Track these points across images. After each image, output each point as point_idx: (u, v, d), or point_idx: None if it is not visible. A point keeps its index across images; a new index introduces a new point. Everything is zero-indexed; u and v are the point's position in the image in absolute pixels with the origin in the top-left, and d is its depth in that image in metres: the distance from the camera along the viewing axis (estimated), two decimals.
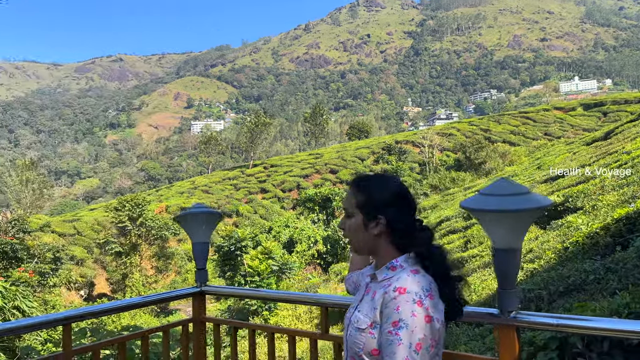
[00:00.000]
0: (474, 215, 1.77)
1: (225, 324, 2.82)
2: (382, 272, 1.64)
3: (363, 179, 1.72)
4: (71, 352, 2.20)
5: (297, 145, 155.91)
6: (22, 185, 51.75)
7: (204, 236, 2.90)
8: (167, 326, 2.75)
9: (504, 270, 1.79)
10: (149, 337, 2.61)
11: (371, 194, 1.66)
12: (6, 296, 8.47)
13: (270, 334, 2.61)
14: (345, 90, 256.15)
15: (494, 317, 1.86)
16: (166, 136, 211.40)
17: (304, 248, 33.78)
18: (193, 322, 2.86)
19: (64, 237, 36.05)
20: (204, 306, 2.93)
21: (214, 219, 2.93)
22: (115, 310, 2.64)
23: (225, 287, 3.03)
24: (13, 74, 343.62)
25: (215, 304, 28.37)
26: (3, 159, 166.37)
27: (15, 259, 15.36)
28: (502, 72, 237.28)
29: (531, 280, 9.25)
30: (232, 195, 49.26)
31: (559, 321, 1.72)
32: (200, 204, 2.93)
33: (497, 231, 1.74)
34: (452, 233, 22.14)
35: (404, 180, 47.20)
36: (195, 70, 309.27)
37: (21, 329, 2.16)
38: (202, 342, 2.86)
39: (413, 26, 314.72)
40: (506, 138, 52.44)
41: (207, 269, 2.95)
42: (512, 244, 1.74)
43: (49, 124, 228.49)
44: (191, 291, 2.85)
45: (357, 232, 1.66)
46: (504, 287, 1.81)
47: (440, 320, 1.50)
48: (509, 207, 1.65)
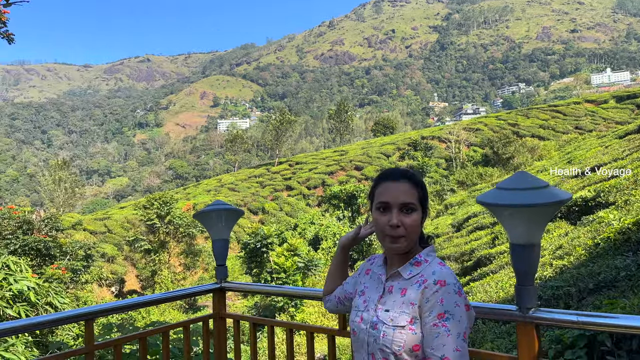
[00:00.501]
0: (490, 210, 1.73)
1: (245, 319, 2.84)
2: (406, 268, 1.63)
3: (414, 173, 1.70)
4: (93, 347, 2.25)
5: (322, 142, 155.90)
6: (55, 185, 53.14)
7: (223, 233, 2.92)
8: (188, 322, 2.78)
9: (522, 266, 1.74)
10: (169, 332, 2.65)
11: (425, 189, 1.67)
12: (39, 292, 8.68)
13: (289, 330, 2.62)
14: (370, 87, 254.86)
15: (512, 314, 1.82)
16: (193, 135, 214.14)
17: (330, 245, 33.81)
18: (213, 318, 2.89)
19: (95, 235, 36.90)
20: (224, 302, 2.95)
21: (234, 216, 2.95)
22: (136, 306, 2.68)
23: (245, 284, 3.05)
24: (45, 76, 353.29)
25: (243, 301, 28.67)
26: (37, 159, 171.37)
27: (48, 256, 15.77)
28: (531, 65, 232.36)
29: (560, 277, 9.05)
30: (258, 192, 49.63)
31: (580, 318, 1.67)
32: (219, 201, 2.94)
33: (514, 226, 1.70)
34: (479, 229, 21.85)
35: (430, 176, 46.82)
36: (220, 69, 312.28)
37: (46, 323, 2.22)
38: (222, 337, 2.89)
39: (438, 20, 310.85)
40: (535, 132, 51.38)
41: (227, 265, 2.97)
42: (530, 239, 1.69)
43: (80, 125, 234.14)
44: (211, 287, 2.88)
45: (417, 227, 1.63)
46: (522, 284, 1.77)
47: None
48: (526, 201, 1.61)
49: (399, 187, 1.63)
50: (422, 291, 1.53)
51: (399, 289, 1.61)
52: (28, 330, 1.98)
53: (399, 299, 1.58)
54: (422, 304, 1.52)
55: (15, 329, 2.00)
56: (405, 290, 1.58)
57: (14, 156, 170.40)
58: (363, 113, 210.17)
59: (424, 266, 1.60)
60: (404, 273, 1.62)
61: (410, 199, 1.61)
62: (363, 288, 1.77)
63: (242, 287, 3.01)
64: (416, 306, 1.53)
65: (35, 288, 8.69)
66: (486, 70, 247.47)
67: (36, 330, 7.39)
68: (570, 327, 1.73)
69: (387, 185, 1.65)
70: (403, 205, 1.61)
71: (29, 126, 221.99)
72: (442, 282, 1.51)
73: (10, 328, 1.99)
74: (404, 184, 1.64)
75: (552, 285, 7.74)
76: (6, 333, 1.94)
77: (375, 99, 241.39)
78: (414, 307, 1.53)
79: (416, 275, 1.59)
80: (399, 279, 1.63)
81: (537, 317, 1.75)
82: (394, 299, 1.60)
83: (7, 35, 7.05)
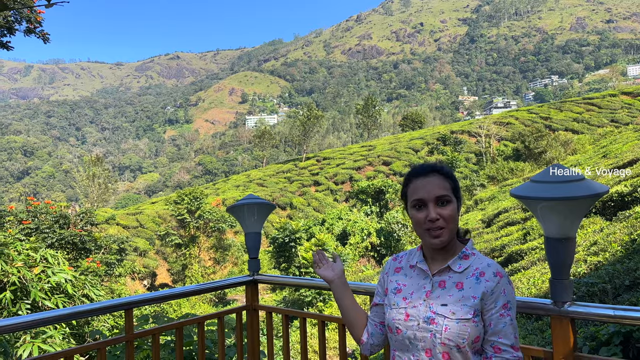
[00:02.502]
0: (524, 203, 1.72)
1: (277, 311, 2.89)
2: (456, 262, 1.63)
3: (444, 166, 1.71)
4: (133, 335, 2.34)
5: (349, 137, 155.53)
6: (89, 180, 54.52)
7: (255, 226, 2.97)
8: (222, 313, 2.85)
9: (558, 259, 1.73)
10: (204, 323, 2.72)
11: (456, 180, 1.69)
12: (76, 285, 8.95)
13: (320, 322, 2.65)
14: (398, 81, 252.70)
15: (547, 307, 1.80)
16: (222, 131, 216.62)
17: (358, 240, 33.79)
18: (246, 309, 2.95)
19: (128, 229, 37.72)
20: (257, 294, 3.01)
21: (266, 210, 3.00)
22: (172, 297, 2.77)
23: (277, 276, 3.09)
24: (79, 75, 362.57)
25: (272, 295, 28.96)
26: (71, 156, 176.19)
27: (84, 250, 16.20)
28: (564, 57, 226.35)
29: (595, 273, 8.85)
30: (285, 188, 49.89)
31: (617, 312, 1.64)
32: (252, 195, 3.00)
33: (549, 220, 1.68)
34: (510, 225, 21.51)
35: (460, 171, 46.23)
36: (248, 65, 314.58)
37: (87, 312, 2.31)
38: (255, 328, 2.95)
39: (468, 13, 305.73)
40: (568, 126, 50.09)
41: (259, 258, 3.03)
42: (565, 233, 1.68)
43: (113, 122, 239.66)
44: (244, 279, 2.94)
45: (455, 219, 1.63)
46: (557, 277, 1.75)
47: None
48: (561, 194, 1.60)
49: (431, 181, 1.63)
50: (482, 284, 1.56)
51: (453, 283, 1.61)
52: (73, 318, 2.07)
53: (457, 293, 1.58)
54: (485, 297, 1.54)
55: (61, 316, 2.09)
56: (462, 284, 1.59)
57: (50, 153, 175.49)
58: (391, 108, 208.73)
59: (472, 259, 1.62)
60: (454, 267, 1.62)
61: (444, 191, 1.62)
62: (396, 286, 1.74)
63: (274, 279, 3.06)
64: (478, 299, 1.54)
65: (72, 280, 8.98)
66: (517, 62, 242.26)
67: (76, 320, 7.64)
68: (607, 321, 1.70)
69: (419, 182, 1.65)
70: (438, 199, 1.61)
71: (64, 123, 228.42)
72: (499, 273, 1.57)
73: (56, 316, 2.09)
74: (435, 177, 1.64)
75: (586, 281, 7.58)
76: (52, 321, 2.04)
77: (403, 93, 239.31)
78: (475, 300, 1.55)
79: (468, 267, 1.61)
80: (450, 273, 1.63)
81: (572, 311, 1.73)
82: (449, 293, 1.60)
83: (42, 34, 7.29)
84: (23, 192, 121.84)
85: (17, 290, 7.96)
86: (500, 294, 1.54)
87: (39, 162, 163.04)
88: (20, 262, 8.12)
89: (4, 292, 7.81)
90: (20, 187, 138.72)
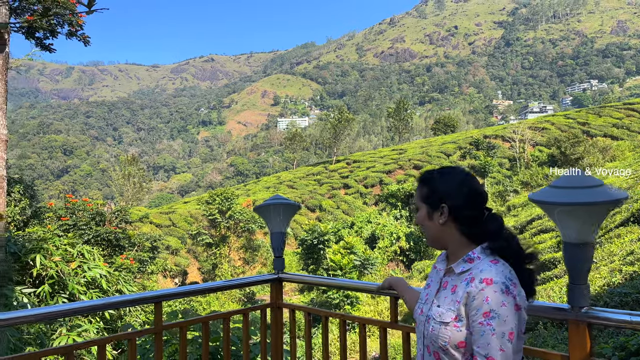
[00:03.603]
0: (542, 208, 1.74)
1: (300, 309, 2.96)
2: (459, 265, 1.66)
3: (428, 173, 1.80)
4: (162, 327, 2.45)
5: (380, 140, 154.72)
6: (125, 179, 55.89)
7: (281, 226, 3.05)
8: (247, 309, 2.94)
9: (576, 265, 1.74)
10: (230, 319, 2.81)
11: (434, 185, 1.74)
12: (110, 280, 9.25)
13: (342, 321, 2.71)
14: (430, 84, 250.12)
15: (564, 312, 1.81)
16: (254, 133, 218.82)
17: (387, 244, 33.64)
18: (271, 307, 3.03)
19: (161, 228, 38.51)
20: (281, 292, 3.09)
21: (291, 210, 3.08)
22: (201, 291, 2.87)
23: (302, 275, 3.18)
24: (117, 76, 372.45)
25: (299, 297, 29.11)
26: (108, 155, 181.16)
27: (118, 247, 16.67)
28: (604, 61, 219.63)
29: (630, 283, 8.61)
30: (315, 190, 50.05)
31: (634, 318, 1.64)
32: (278, 196, 3.09)
33: (567, 225, 1.70)
34: (543, 232, 21.07)
35: (492, 176, 45.45)
36: (281, 68, 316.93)
37: (119, 303, 2.43)
38: (279, 326, 3.03)
39: (504, 15, 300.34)
40: (607, 132, 48.66)
41: (286, 258, 3.10)
42: (583, 238, 1.69)
43: (148, 122, 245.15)
44: (269, 277, 3.03)
45: (423, 222, 1.74)
46: (575, 282, 1.76)
47: (526, 308, 1.55)
48: (579, 199, 1.61)
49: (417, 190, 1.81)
50: (467, 289, 1.56)
51: (451, 286, 1.66)
52: (106, 308, 2.19)
53: (450, 296, 1.63)
54: (467, 302, 1.54)
55: (95, 307, 2.22)
56: (456, 287, 1.63)
57: (88, 152, 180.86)
58: (423, 111, 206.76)
59: (475, 263, 1.62)
60: (457, 269, 1.66)
61: (415, 200, 1.78)
62: (429, 282, 1.84)
63: (299, 278, 3.14)
64: (461, 304, 1.56)
65: (106, 276, 9.28)
66: (555, 66, 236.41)
67: (109, 314, 7.91)
68: (624, 327, 1.70)
69: None
70: (415, 206, 1.80)
71: (102, 123, 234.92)
72: (488, 280, 1.52)
73: (90, 306, 2.22)
74: (418, 186, 1.80)
75: (619, 292, 7.39)
76: (86, 310, 2.16)
77: (436, 97, 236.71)
78: (459, 304, 1.57)
79: (466, 272, 1.62)
80: (452, 275, 1.68)
81: (589, 316, 1.74)
82: (445, 295, 1.66)
83: (83, 37, 7.61)
84: (62, 190, 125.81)
85: (55, 284, 8.29)
86: (483, 301, 1.50)
87: (77, 160, 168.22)
88: (58, 257, 8.44)
89: (42, 285, 8.14)
90: (60, 185, 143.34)
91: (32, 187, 16.47)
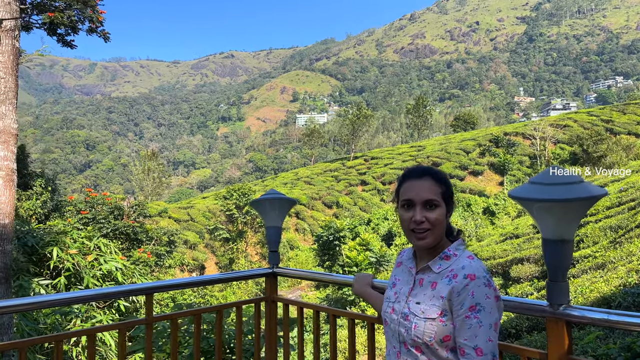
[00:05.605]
0: (522, 204, 1.73)
1: (294, 304, 2.98)
2: (436, 262, 1.68)
3: (437, 170, 1.78)
4: (152, 318, 2.49)
5: (399, 137, 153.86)
6: (145, 174, 56.72)
7: (276, 220, 3.08)
8: (240, 302, 2.98)
9: (554, 262, 1.72)
10: (222, 311, 2.85)
11: (449, 185, 1.74)
12: (126, 273, 9.42)
13: (331, 316, 2.73)
14: (451, 81, 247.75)
15: (543, 309, 1.80)
16: (273, 129, 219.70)
17: (403, 241, 33.48)
18: (265, 300, 3.06)
19: (179, 223, 38.98)
20: (276, 286, 3.11)
21: (286, 205, 3.10)
22: (194, 284, 2.91)
23: (295, 269, 3.19)
24: (138, 72, 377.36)
25: (315, 292, 29.17)
26: (129, 150, 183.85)
27: (136, 241, 16.90)
28: (630, 57, 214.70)
29: None
30: (332, 186, 50.07)
31: (611, 317, 1.63)
32: (273, 190, 3.12)
33: (546, 221, 1.68)
34: None
35: (512, 174, 44.91)
36: (300, 64, 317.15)
37: (112, 294, 2.48)
38: (273, 320, 3.05)
39: (527, 11, 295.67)
40: (632, 130, 47.67)
41: (279, 251, 3.13)
42: (561, 235, 1.68)
43: (169, 118, 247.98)
44: (263, 272, 3.06)
45: (442, 222, 1.68)
46: (554, 280, 1.75)
47: (501, 298, 1.62)
48: (556, 196, 1.60)
49: (422, 184, 1.69)
50: (451, 285, 1.58)
51: (429, 282, 1.67)
52: (99, 299, 2.24)
53: (430, 292, 1.65)
54: (452, 298, 1.57)
55: (88, 297, 2.28)
56: (436, 284, 1.64)
57: (110, 147, 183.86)
58: (443, 108, 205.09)
59: (453, 260, 1.65)
60: (434, 267, 1.68)
61: (433, 196, 1.67)
62: (394, 280, 1.85)
63: (292, 272, 3.15)
64: (446, 299, 1.58)
65: (122, 269, 9.45)
66: (579, 62, 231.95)
67: (125, 303, 8.16)
68: (602, 325, 1.68)
69: (411, 184, 1.72)
70: (426, 202, 1.67)
71: (124, 119, 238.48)
72: (472, 275, 1.56)
73: (81, 296, 2.27)
74: (427, 181, 1.70)
75: (633, 292, 7.26)
76: (77, 301, 2.22)
77: (456, 93, 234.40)
78: (443, 300, 1.59)
79: (446, 269, 1.64)
80: (429, 272, 1.69)
81: (567, 314, 1.72)
82: (424, 292, 1.67)
83: (103, 34, 7.75)
84: (84, 184, 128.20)
85: (72, 276, 8.47)
86: (468, 296, 1.53)
87: (99, 155, 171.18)
88: (75, 250, 8.62)
89: (59, 277, 8.33)
90: (82, 179, 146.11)
91: (53, 181, 16.81)
